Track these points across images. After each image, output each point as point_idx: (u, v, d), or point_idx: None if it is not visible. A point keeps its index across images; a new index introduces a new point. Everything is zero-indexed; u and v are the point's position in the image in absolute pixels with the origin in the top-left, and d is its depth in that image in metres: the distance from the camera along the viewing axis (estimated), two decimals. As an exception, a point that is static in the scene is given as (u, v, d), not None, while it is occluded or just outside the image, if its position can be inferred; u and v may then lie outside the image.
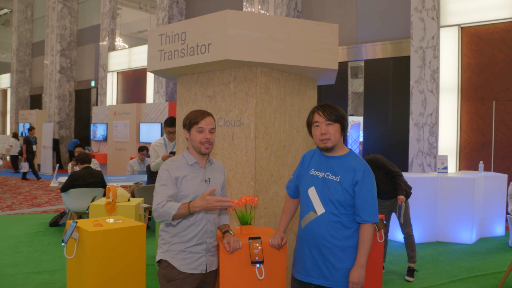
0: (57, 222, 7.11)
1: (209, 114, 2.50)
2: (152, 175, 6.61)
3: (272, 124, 3.46)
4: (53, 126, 17.23)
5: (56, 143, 17.37)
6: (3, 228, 6.95)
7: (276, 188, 3.53)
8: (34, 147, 14.26)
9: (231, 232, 2.60)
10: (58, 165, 8.48)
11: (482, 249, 5.99)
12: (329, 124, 2.36)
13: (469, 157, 8.46)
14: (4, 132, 24.02)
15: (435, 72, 8.45)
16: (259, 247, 2.47)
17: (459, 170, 8.48)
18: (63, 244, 2.89)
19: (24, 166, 13.75)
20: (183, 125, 2.52)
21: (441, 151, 8.42)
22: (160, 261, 2.46)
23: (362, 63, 10.36)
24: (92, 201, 5.12)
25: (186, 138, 2.53)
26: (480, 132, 8.34)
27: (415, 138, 8.67)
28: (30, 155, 14.13)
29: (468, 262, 5.35)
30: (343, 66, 10.27)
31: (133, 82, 15.78)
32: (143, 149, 8.46)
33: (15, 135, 16.46)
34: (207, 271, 2.48)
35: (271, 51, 3.20)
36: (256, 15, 3.27)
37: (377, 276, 3.53)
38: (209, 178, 2.50)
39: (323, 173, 2.40)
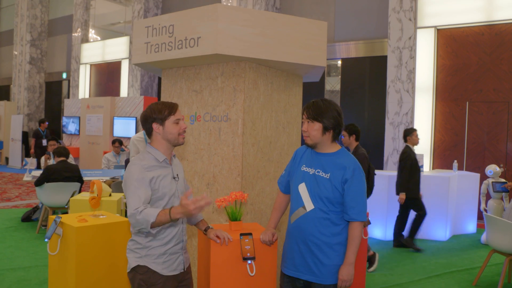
0: (29, 217, 6.91)
1: (177, 105, 2.41)
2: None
3: (259, 120, 3.45)
4: (23, 119, 16.74)
5: (25, 136, 16.88)
6: (-28, 223, 6.71)
7: (262, 184, 3.52)
8: (44, 141, 12.85)
9: (211, 226, 2.59)
10: (30, 158, 8.23)
11: (455, 246, 6.15)
12: (309, 122, 2.38)
13: (443, 156, 8.67)
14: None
15: (411, 72, 8.61)
16: (251, 243, 2.46)
17: (433, 168, 8.67)
18: (46, 240, 2.80)
19: (31, 163, 11.63)
20: (149, 119, 2.33)
21: (416, 150, 8.58)
22: (135, 268, 2.31)
23: (339, 62, 10.46)
24: (72, 195, 4.99)
25: (151, 133, 2.35)
26: (454, 132, 8.55)
27: (391, 136, 8.82)
28: (38, 150, 13.01)
29: (444, 258, 5.49)
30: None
31: (106, 75, 15.48)
32: (115, 142, 8.35)
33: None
34: (185, 269, 2.45)
35: (261, 46, 3.18)
36: (247, 10, 3.24)
37: (360, 271, 3.58)
38: (177, 175, 2.45)
39: (314, 170, 2.40)
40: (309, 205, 2.37)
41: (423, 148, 8.57)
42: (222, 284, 2.45)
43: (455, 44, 8.50)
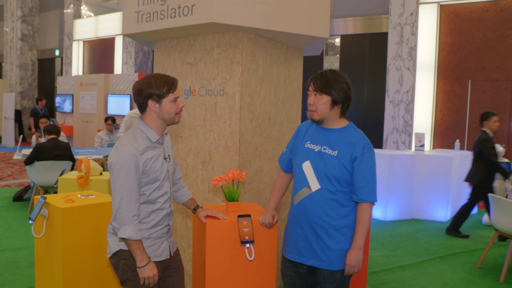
0: (21, 197, 6.73)
1: (176, 80, 2.17)
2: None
3: (258, 95, 3.25)
4: (15, 97, 16.41)
5: (18, 114, 16.58)
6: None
7: (261, 162, 3.34)
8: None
9: (201, 206, 2.44)
10: (21, 136, 8.00)
11: (456, 226, 6.02)
12: (316, 94, 2.17)
13: (443, 135, 8.51)
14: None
15: (413, 49, 8.39)
16: (249, 226, 2.28)
17: (433, 148, 8.52)
18: (30, 221, 2.62)
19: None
20: (144, 94, 2.07)
21: (416, 129, 8.43)
22: (118, 252, 2.11)
23: (338, 39, 10.19)
24: (61, 174, 4.80)
25: (145, 110, 2.10)
26: (455, 111, 8.37)
27: (390, 115, 8.65)
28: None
29: (445, 239, 5.36)
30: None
31: (100, 52, 15.13)
32: (108, 119, 8.10)
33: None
34: (171, 255, 2.27)
35: (260, 15, 2.96)
36: (244, -25, 3.01)
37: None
38: (168, 155, 2.24)
39: (320, 146, 2.21)
40: (314, 185, 2.18)
41: (424, 127, 8.41)
42: (219, 269, 2.28)
43: (458, 20, 8.25)
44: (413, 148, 8.16)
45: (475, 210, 6.92)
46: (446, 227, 5.64)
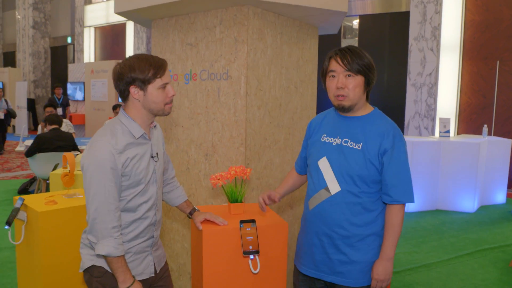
0: (26, 189, 6.52)
1: (166, 62, 1.79)
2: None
3: (267, 78, 2.87)
4: (28, 85, 16.30)
5: (32, 103, 16.48)
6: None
7: (271, 154, 2.98)
8: (59, 110, 11.33)
9: (197, 209, 2.09)
10: (24, 126, 7.77)
11: (485, 218, 5.60)
12: (349, 75, 1.79)
13: (469, 120, 8.01)
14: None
15: (436, 29, 7.86)
16: (253, 233, 1.93)
17: (458, 133, 8.04)
18: (6, 227, 2.31)
19: None
20: (126, 79, 1.70)
21: (440, 114, 7.95)
22: (90, 268, 1.79)
23: (356, 21, 9.68)
24: (54, 169, 4.51)
25: (127, 98, 1.75)
26: (482, 94, 7.85)
27: (412, 99, 8.17)
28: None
29: (473, 233, 4.95)
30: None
31: (111, 38, 14.84)
32: (116, 107, 7.80)
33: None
34: (157, 272, 1.93)
35: (267, -15, 2.57)
36: None
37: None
38: (157, 153, 1.87)
39: (340, 139, 1.84)
40: (334, 186, 1.82)
41: (448, 112, 7.92)
42: (218, 284, 1.94)
43: (486, -4, 7.68)
44: (437, 134, 7.71)
45: (503, 200, 6.47)
46: None
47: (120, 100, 10.85)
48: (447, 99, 7.98)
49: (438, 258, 4.15)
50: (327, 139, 1.87)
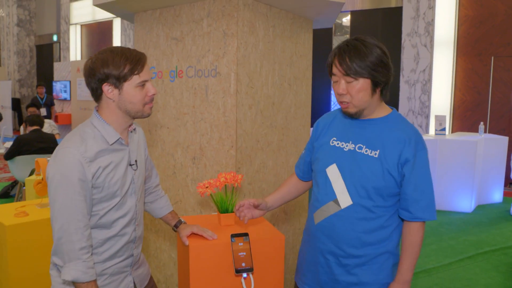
0: (8, 193, 6.24)
1: (145, 56, 1.56)
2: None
3: (258, 75, 2.66)
4: (13, 85, 15.91)
5: (17, 103, 16.09)
6: None
7: (263, 157, 2.77)
8: (43, 110, 10.62)
9: (184, 221, 1.87)
10: (4, 127, 7.47)
11: (483, 218, 5.44)
12: (350, 81, 1.53)
13: (463, 117, 7.87)
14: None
15: (430, 24, 7.70)
16: (246, 248, 1.72)
17: (452, 131, 7.89)
18: (-31, 241, 2.08)
19: None
20: (98, 76, 1.48)
21: (434, 111, 7.80)
22: None
23: (347, 17, 9.50)
24: (31, 174, 4.25)
25: (100, 98, 1.53)
26: (476, 90, 7.71)
27: (406, 96, 8.01)
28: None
29: (473, 234, 4.79)
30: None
31: (98, 36, 14.51)
32: None
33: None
34: None
35: (258, -27, 2.36)
36: None
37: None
38: (135, 161, 1.65)
39: (353, 145, 1.61)
40: (344, 199, 1.59)
41: (442, 109, 7.77)
42: (207, 307, 1.73)
43: (480, -10, 7.54)
44: (431, 132, 7.56)
45: (500, 198, 6.33)
46: None
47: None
48: (441, 96, 7.83)
49: (438, 263, 3.97)
50: (338, 143, 1.65)
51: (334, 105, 8.60)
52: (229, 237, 1.74)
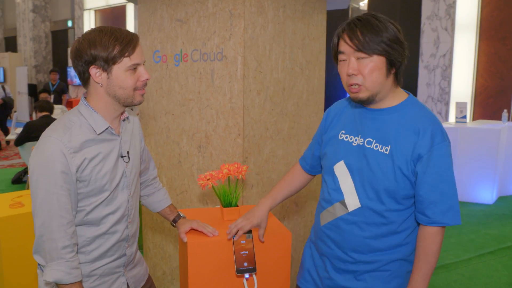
0: (20, 179, 6.22)
1: (137, 37, 1.41)
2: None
3: (268, 59, 2.49)
4: (29, 71, 15.97)
5: (33, 89, 16.16)
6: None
7: (273, 146, 2.62)
8: (52, 97, 10.03)
9: (183, 216, 1.74)
10: (16, 114, 7.44)
11: (505, 211, 5.21)
12: (363, 57, 1.34)
13: (485, 104, 7.57)
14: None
15: (451, 6, 7.37)
16: (249, 247, 1.58)
17: (474, 119, 7.61)
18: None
19: None
20: (84, 58, 1.34)
21: (454, 97, 7.51)
22: None
23: (364, 1, 9.20)
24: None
25: (87, 83, 1.40)
26: (499, 76, 7.39)
27: (425, 82, 7.73)
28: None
29: (494, 228, 4.58)
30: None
31: (112, 21, 14.41)
32: None
33: (-1, 82, 15.30)
34: None
35: None
36: None
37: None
38: (127, 152, 1.50)
39: (362, 139, 1.42)
40: (352, 201, 1.42)
41: (463, 96, 7.48)
42: (206, 309, 1.60)
43: (506, -29, 7.18)
44: (451, 119, 7.31)
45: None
46: None
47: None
48: (462, 82, 7.53)
49: (457, 258, 3.79)
50: (346, 137, 1.46)
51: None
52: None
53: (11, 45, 19.99)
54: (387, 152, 1.36)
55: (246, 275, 1.56)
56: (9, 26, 20.11)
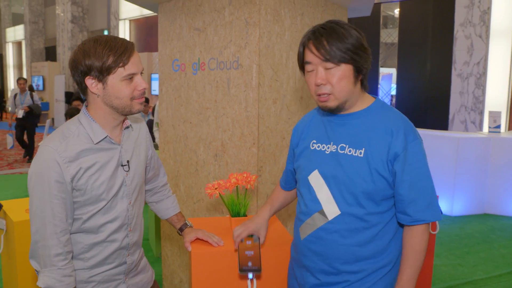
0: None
1: (133, 46, 1.41)
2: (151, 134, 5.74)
3: (284, 67, 2.48)
4: (67, 79, 16.50)
5: (70, 96, 16.68)
6: (-9, 189, 6.28)
7: (289, 155, 2.59)
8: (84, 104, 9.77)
9: (190, 224, 1.74)
10: (50, 120, 7.66)
11: (541, 224, 4.98)
12: (330, 68, 1.32)
13: (522, 113, 7.28)
14: (20, 85, 23.47)
15: (486, 13, 7.16)
16: (255, 246, 1.53)
17: (509, 129, 7.34)
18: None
19: None
20: (80, 68, 1.35)
21: (489, 107, 7.26)
22: None
23: (397, 10, 9.06)
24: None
25: (85, 93, 1.40)
26: (537, 84, 7.10)
27: (458, 91, 7.51)
28: None
29: (528, 242, 4.38)
30: (374, 9, 8.98)
31: (145, 30, 14.76)
32: (147, 101, 7.51)
33: (30, 89, 15.87)
34: None
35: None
36: None
37: (427, 264, 2.65)
38: (128, 161, 1.50)
39: (335, 145, 1.40)
40: (331, 209, 1.38)
41: (498, 105, 7.23)
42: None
43: (544, -25, 6.92)
44: (485, 129, 7.07)
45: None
46: None
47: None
48: (497, 91, 7.28)
49: (486, 274, 3.63)
50: (318, 146, 1.44)
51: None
52: (239, 243, 1.59)
53: (51, 54, 20.76)
54: (362, 155, 1.34)
55: (250, 275, 1.52)
56: (50, 36, 20.91)
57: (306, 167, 1.45)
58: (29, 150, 8.92)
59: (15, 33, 23.55)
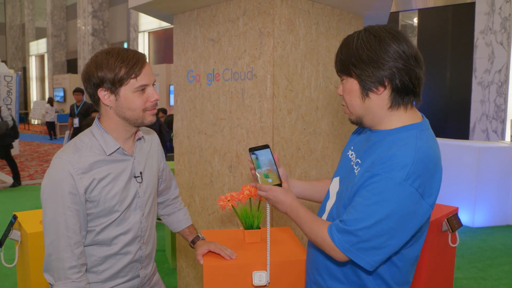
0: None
1: (145, 57, 1.40)
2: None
3: (299, 77, 2.45)
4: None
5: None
6: (12, 200, 6.36)
7: (305, 166, 2.55)
8: (75, 120, 8.23)
9: (202, 237, 1.71)
10: (68, 131, 7.75)
11: None
12: (342, 79, 1.26)
13: (546, 122, 7.09)
14: (43, 98, 23.97)
15: (507, 19, 7.03)
16: (270, 159, 1.43)
17: (533, 137, 7.14)
18: (-2, 248, 2.06)
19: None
20: (93, 80, 1.35)
21: (511, 115, 7.09)
22: None
23: (416, 14, 8.97)
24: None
25: (98, 104, 1.40)
26: (561, 92, 6.92)
27: (479, 99, 7.37)
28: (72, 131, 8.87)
29: (555, 255, 4.23)
30: (392, 18, 8.91)
31: (164, 42, 14.94)
32: (158, 112, 7.47)
33: (50, 101, 16.20)
34: None
35: (295, -34, 2.16)
36: None
37: (448, 277, 2.57)
38: (140, 173, 1.49)
39: (358, 159, 1.29)
40: (324, 216, 1.36)
41: (521, 113, 7.05)
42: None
43: None
44: (507, 138, 6.91)
45: None
46: None
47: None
48: (520, 99, 7.11)
49: (510, 287, 3.51)
50: (351, 155, 1.36)
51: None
52: (252, 256, 1.56)
53: (72, 67, 21.17)
54: (357, 173, 1.23)
55: (264, 282, 1.48)
56: (71, 49, 21.33)
57: (336, 171, 1.42)
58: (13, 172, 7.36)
59: (38, 46, 24.11)
